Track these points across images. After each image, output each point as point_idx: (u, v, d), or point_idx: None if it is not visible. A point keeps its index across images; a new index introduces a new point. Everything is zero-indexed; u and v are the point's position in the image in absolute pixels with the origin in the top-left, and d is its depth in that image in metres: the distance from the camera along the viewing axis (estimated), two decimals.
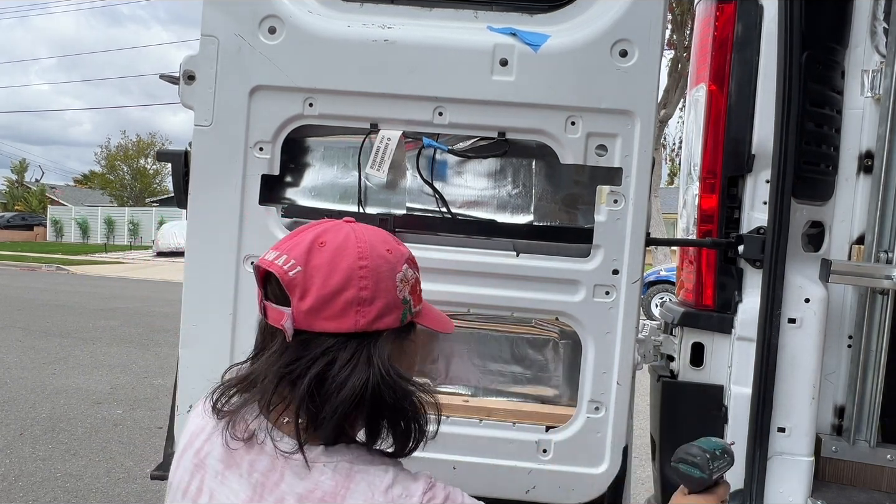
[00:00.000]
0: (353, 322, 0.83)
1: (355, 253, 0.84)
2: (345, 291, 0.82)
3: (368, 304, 0.83)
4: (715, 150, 1.60)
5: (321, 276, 0.83)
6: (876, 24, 1.58)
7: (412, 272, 0.90)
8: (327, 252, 0.84)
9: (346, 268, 0.83)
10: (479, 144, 1.52)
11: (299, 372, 0.82)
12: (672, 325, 1.71)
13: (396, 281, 0.86)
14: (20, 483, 3.84)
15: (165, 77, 1.56)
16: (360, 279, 0.83)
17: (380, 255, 0.86)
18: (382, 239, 0.89)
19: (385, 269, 0.85)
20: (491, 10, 1.46)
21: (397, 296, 0.86)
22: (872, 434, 1.59)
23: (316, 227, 0.89)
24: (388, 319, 0.85)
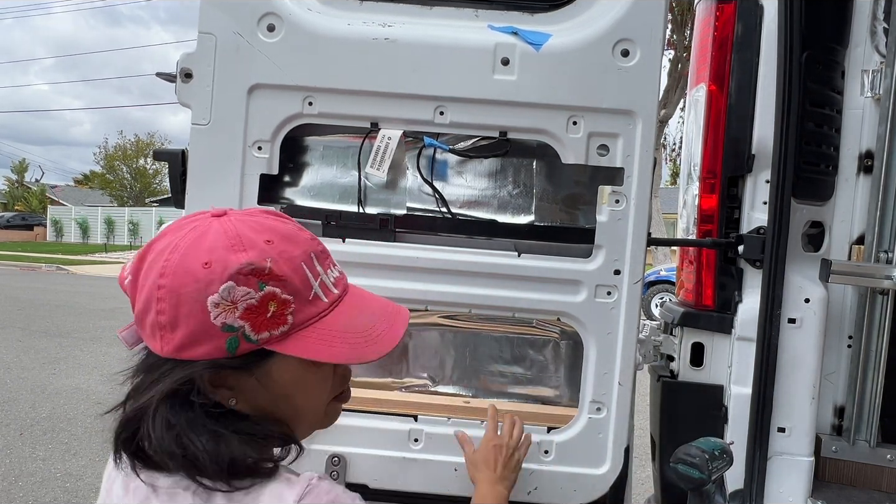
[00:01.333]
0: (160, 347, 0.72)
1: (159, 268, 0.71)
2: (147, 313, 0.72)
3: (171, 331, 0.70)
4: (715, 150, 1.60)
5: (138, 291, 0.73)
6: (876, 24, 1.58)
7: (246, 290, 0.70)
8: (148, 261, 0.73)
9: (148, 286, 0.71)
10: (480, 144, 1.51)
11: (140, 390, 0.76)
12: (672, 325, 1.71)
13: (207, 304, 0.69)
14: (20, 483, 3.84)
15: (162, 75, 1.55)
16: (157, 301, 0.70)
17: (187, 271, 0.70)
18: (211, 246, 0.71)
19: (189, 291, 0.69)
20: (492, 8, 1.46)
21: (211, 322, 0.70)
22: (872, 434, 1.59)
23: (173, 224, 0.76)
24: (202, 349, 0.70)
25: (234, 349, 0.71)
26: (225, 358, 0.72)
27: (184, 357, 0.71)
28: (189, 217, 0.77)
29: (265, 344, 0.73)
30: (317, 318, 0.76)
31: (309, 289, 0.75)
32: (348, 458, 1.49)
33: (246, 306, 0.71)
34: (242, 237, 0.72)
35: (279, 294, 0.72)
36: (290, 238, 0.76)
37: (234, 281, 0.70)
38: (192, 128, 1.46)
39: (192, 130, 1.47)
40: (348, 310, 0.80)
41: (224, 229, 0.73)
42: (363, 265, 1.49)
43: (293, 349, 0.74)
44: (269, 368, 0.75)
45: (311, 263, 0.77)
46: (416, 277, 1.49)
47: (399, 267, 1.49)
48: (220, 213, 0.76)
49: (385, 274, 1.49)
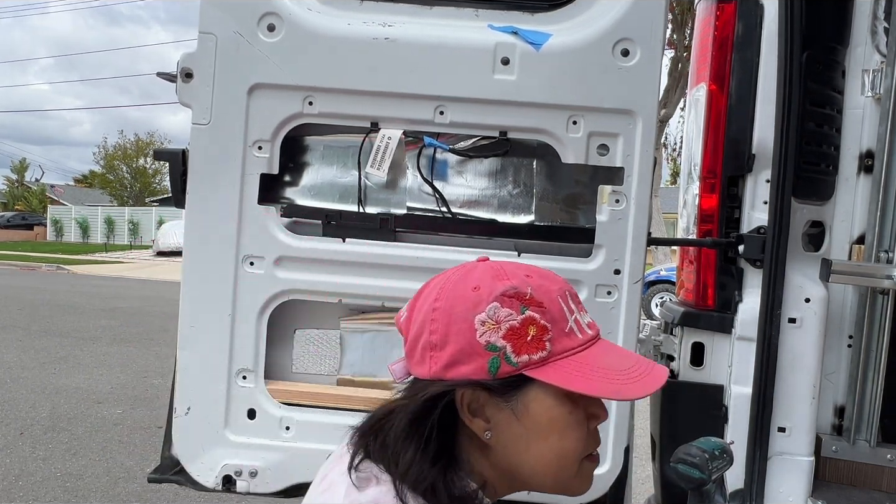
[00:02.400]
0: (428, 368, 0.76)
1: (434, 294, 0.78)
2: (421, 336, 0.77)
3: (440, 349, 0.75)
4: (715, 149, 1.60)
5: (411, 321, 0.80)
6: (876, 23, 1.58)
7: (509, 311, 0.74)
8: (422, 296, 0.81)
9: (424, 311, 0.78)
10: (480, 144, 1.51)
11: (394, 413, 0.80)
12: (672, 324, 1.71)
13: (474, 322, 0.74)
14: (20, 483, 3.84)
15: (163, 75, 1.55)
16: (430, 322, 0.76)
17: (459, 294, 0.76)
18: (480, 276, 0.78)
19: (459, 310, 0.75)
20: (492, 8, 1.46)
21: (476, 340, 0.73)
22: (872, 434, 1.59)
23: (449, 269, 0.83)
24: (466, 368, 0.74)
25: (495, 370, 0.74)
26: (488, 380, 0.74)
27: (448, 377, 0.75)
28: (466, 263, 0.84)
29: (524, 368, 0.74)
30: (573, 351, 0.77)
31: (565, 321, 0.78)
32: None
33: (508, 327, 0.74)
34: (505, 269, 0.79)
35: (538, 319, 0.75)
36: (546, 276, 0.82)
37: (499, 302, 0.75)
38: (193, 127, 1.46)
39: (192, 130, 1.47)
40: (604, 350, 0.80)
41: (489, 265, 0.81)
42: (363, 265, 1.49)
43: (550, 376, 0.74)
44: (526, 398, 0.76)
45: (566, 299, 0.80)
46: (416, 277, 1.48)
47: (399, 267, 1.49)
48: (485, 259, 0.84)
49: (385, 274, 1.49)
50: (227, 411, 1.53)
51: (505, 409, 0.76)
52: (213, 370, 1.52)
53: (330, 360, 1.62)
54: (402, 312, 0.83)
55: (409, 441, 0.76)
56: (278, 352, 1.60)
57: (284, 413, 1.54)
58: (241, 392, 1.53)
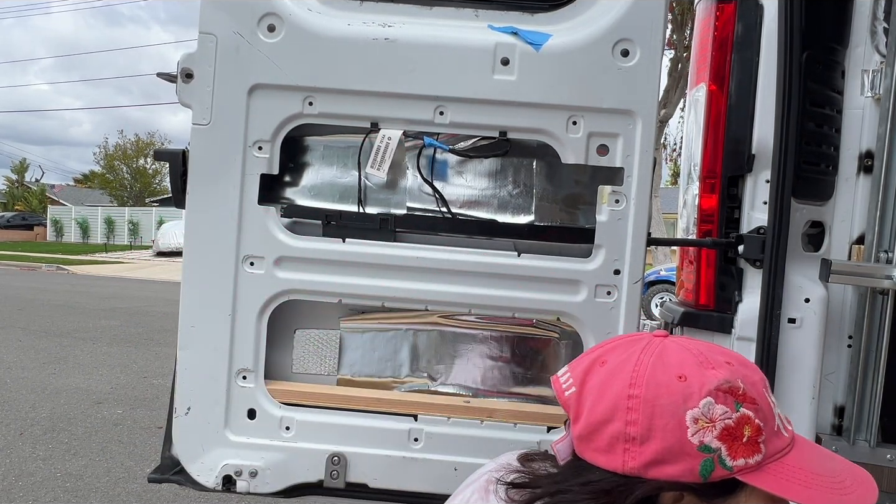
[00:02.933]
0: (622, 462, 0.69)
1: (627, 378, 0.70)
2: (609, 423, 0.70)
3: (639, 444, 0.68)
4: (715, 150, 1.60)
5: (591, 401, 0.72)
6: (876, 23, 1.58)
7: (724, 409, 0.68)
8: (603, 374, 0.72)
9: (613, 395, 0.70)
10: (480, 144, 1.51)
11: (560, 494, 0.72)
12: (672, 324, 1.71)
13: (685, 418, 0.67)
14: (20, 483, 3.84)
15: (163, 75, 1.55)
16: (626, 410, 0.69)
17: (661, 383, 0.69)
18: (680, 361, 0.71)
19: (665, 402, 0.68)
20: (492, 8, 1.46)
21: (688, 440, 0.67)
22: (872, 434, 1.59)
23: (611, 343, 0.77)
24: (673, 469, 0.67)
25: (707, 474, 0.67)
26: (696, 484, 0.68)
27: (650, 476, 0.68)
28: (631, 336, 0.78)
29: (739, 473, 0.68)
30: (783, 452, 0.71)
31: (773, 418, 0.72)
32: (348, 458, 1.49)
33: (723, 426, 0.67)
34: (706, 355, 0.71)
35: (753, 418, 0.69)
36: (745, 363, 0.74)
37: (714, 397, 0.68)
38: (193, 128, 1.47)
39: (192, 130, 1.47)
40: (808, 451, 0.74)
41: (687, 346, 0.72)
42: (363, 265, 1.49)
43: (768, 483, 0.69)
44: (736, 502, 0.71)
45: (769, 392, 0.74)
46: (416, 277, 1.49)
47: (399, 267, 1.49)
48: (664, 335, 0.76)
49: (385, 274, 1.49)
50: (227, 411, 1.53)
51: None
52: (214, 370, 1.52)
53: (330, 360, 1.63)
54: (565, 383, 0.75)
55: None
56: (278, 352, 1.61)
57: (284, 413, 1.54)
58: (241, 392, 1.53)
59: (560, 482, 0.74)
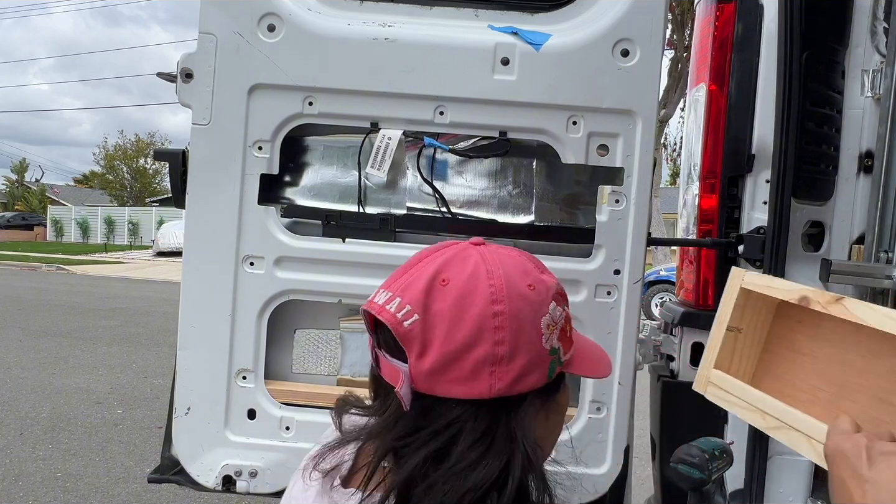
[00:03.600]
0: (488, 386, 0.63)
1: (487, 294, 0.64)
2: (475, 347, 0.63)
3: (507, 363, 0.64)
4: (715, 149, 1.60)
5: (444, 327, 0.64)
6: (876, 23, 1.58)
7: (560, 310, 0.69)
8: (452, 293, 0.64)
9: (475, 315, 0.64)
10: (480, 144, 1.51)
11: (415, 447, 0.64)
12: (672, 324, 1.71)
13: (542, 327, 0.66)
14: (20, 483, 3.84)
15: (163, 75, 1.55)
16: (494, 330, 0.64)
17: (520, 294, 0.66)
18: (522, 269, 0.68)
19: (527, 314, 0.65)
20: (492, 8, 1.46)
21: (543, 346, 0.66)
22: None
23: (436, 257, 0.68)
24: (532, 378, 0.66)
25: (553, 374, 0.68)
26: (543, 386, 0.67)
27: (515, 392, 0.64)
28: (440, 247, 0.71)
29: (566, 366, 0.71)
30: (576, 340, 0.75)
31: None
32: None
33: (560, 327, 0.69)
34: (533, 259, 0.72)
35: (569, 312, 0.72)
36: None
37: (555, 301, 0.69)
38: (193, 128, 1.47)
39: (192, 130, 1.47)
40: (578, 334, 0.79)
41: (516, 252, 0.72)
42: (363, 265, 1.49)
43: (580, 368, 0.73)
44: (560, 395, 0.73)
45: None
46: None
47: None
48: (482, 242, 0.72)
49: (385, 274, 1.48)
50: (227, 411, 1.53)
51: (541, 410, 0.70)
52: (214, 370, 1.52)
53: (330, 360, 1.62)
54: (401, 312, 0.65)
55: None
56: (278, 352, 1.61)
57: (284, 413, 1.54)
58: (241, 392, 1.53)
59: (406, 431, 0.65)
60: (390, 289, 0.68)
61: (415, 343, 0.64)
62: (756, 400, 0.91)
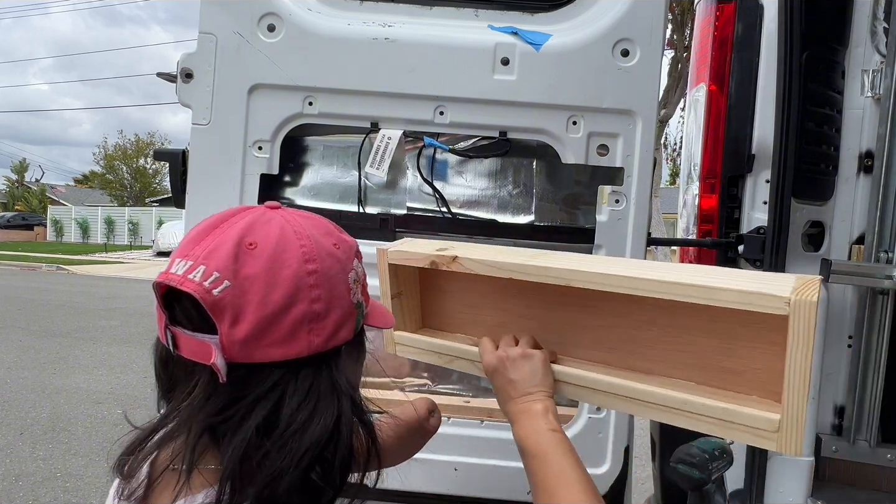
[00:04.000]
0: (307, 344, 0.64)
1: (299, 254, 0.65)
2: (293, 307, 0.63)
3: (323, 319, 0.65)
4: (715, 150, 1.60)
5: (259, 291, 0.62)
6: (876, 23, 1.58)
7: (362, 267, 0.75)
8: (263, 256, 0.63)
9: (290, 275, 0.63)
10: (480, 144, 1.51)
11: (237, 419, 0.61)
12: None
13: (350, 283, 0.69)
14: (20, 483, 3.84)
15: (163, 75, 1.55)
16: (310, 288, 0.64)
17: (328, 252, 0.68)
18: (325, 230, 0.71)
19: (337, 271, 0.68)
20: (492, 8, 1.46)
21: (351, 300, 0.69)
22: (872, 434, 1.59)
23: (234, 221, 0.66)
24: (344, 332, 0.68)
25: (359, 326, 0.72)
26: (353, 338, 0.71)
27: (329, 346, 0.66)
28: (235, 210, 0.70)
29: (367, 319, 0.75)
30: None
31: None
32: None
33: (362, 283, 0.74)
34: (332, 222, 0.75)
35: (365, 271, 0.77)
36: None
37: (357, 258, 0.74)
38: (193, 128, 1.47)
39: (192, 130, 1.47)
40: None
41: (315, 216, 0.74)
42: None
43: (375, 320, 0.77)
44: (364, 346, 0.77)
45: None
46: None
47: None
48: (278, 206, 0.72)
49: None
50: None
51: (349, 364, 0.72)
52: None
53: None
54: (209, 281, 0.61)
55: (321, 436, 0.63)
56: None
57: None
58: None
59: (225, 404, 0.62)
60: (189, 257, 0.64)
61: (227, 311, 0.61)
62: (428, 345, 1.15)
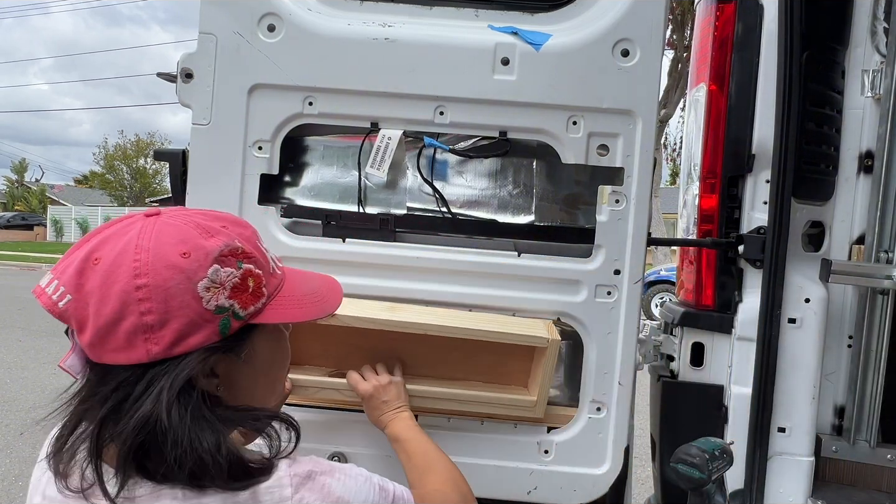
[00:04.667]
0: (145, 352, 0.69)
1: (130, 269, 0.69)
2: (123, 320, 0.69)
3: (158, 329, 0.69)
4: (715, 149, 1.60)
5: (94, 305, 0.69)
6: (876, 23, 1.58)
7: (230, 270, 0.73)
8: (100, 272, 0.69)
9: (119, 291, 0.69)
10: (480, 144, 1.51)
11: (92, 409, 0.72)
12: (672, 324, 1.71)
13: (198, 291, 0.71)
14: (20, 483, 3.84)
15: (163, 75, 1.55)
16: (139, 302, 0.69)
17: (168, 264, 0.70)
18: (179, 238, 0.72)
19: (175, 283, 0.70)
20: (492, 8, 1.46)
21: (204, 308, 0.71)
22: (872, 434, 1.59)
23: (98, 235, 0.74)
24: (198, 338, 0.71)
25: (226, 330, 0.73)
26: (218, 342, 0.73)
27: (176, 353, 0.70)
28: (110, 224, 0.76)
29: (251, 318, 0.76)
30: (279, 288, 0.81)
31: (268, 262, 0.81)
32: (349, 458, 1.49)
33: (232, 285, 0.73)
34: (203, 224, 0.75)
35: (254, 270, 0.77)
36: (237, 222, 0.81)
37: (219, 264, 0.73)
38: (193, 128, 1.47)
39: (192, 130, 1.47)
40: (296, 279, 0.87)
41: (181, 223, 0.74)
42: (363, 265, 1.49)
43: (275, 317, 0.79)
44: (253, 344, 0.78)
45: (260, 241, 0.83)
46: (416, 277, 1.49)
47: (399, 267, 1.49)
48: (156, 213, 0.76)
49: (385, 274, 1.49)
50: None
51: (235, 360, 0.76)
52: None
53: None
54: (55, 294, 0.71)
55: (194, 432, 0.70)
56: None
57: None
58: None
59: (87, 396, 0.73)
60: (54, 272, 0.73)
61: (71, 320, 0.71)
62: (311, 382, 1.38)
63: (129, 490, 0.71)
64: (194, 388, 0.73)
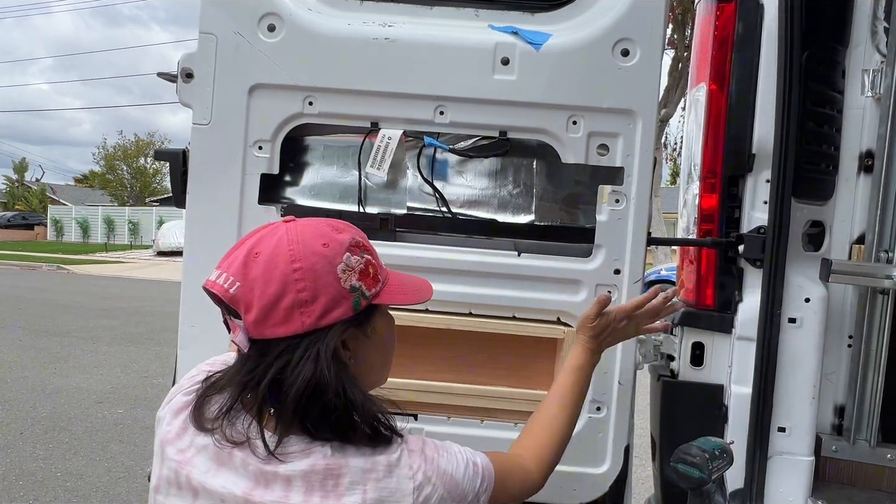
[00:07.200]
0: (300, 324, 0.85)
1: (287, 257, 0.86)
2: (283, 297, 0.85)
3: (311, 304, 0.85)
4: (715, 149, 1.60)
5: (259, 288, 0.85)
6: (876, 23, 1.58)
7: (357, 258, 0.90)
8: (261, 262, 0.86)
9: (279, 275, 0.85)
10: (480, 143, 1.51)
11: (258, 378, 0.86)
12: (672, 324, 1.71)
13: (338, 273, 0.88)
14: (20, 482, 3.84)
15: (163, 75, 1.55)
16: (295, 282, 0.85)
17: (314, 252, 0.87)
18: (318, 233, 0.90)
19: (322, 266, 0.87)
20: (492, 8, 1.46)
21: (342, 287, 0.88)
22: (872, 434, 1.59)
23: (252, 237, 0.91)
24: (338, 312, 0.87)
25: (358, 306, 0.89)
26: (352, 316, 0.88)
27: (323, 324, 0.86)
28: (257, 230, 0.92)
29: (374, 299, 0.92)
30: (387, 277, 0.96)
31: (378, 257, 0.96)
32: None
33: (360, 270, 0.90)
34: (333, 225, 0.93)
35: (372, 259, 0.93)
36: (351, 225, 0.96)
37: (350, 252, 0.89)
38: (193, 127, 1.47)
39: (192, 130, 1.47)
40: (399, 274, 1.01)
41: (316, 222, 0.92)
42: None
43: (390, 298, 0.95)
44: (375, 322, 0.94)
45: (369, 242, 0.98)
46: None
47: (399, 267, 1.48)
48: (292, 219, 0.93)
49: None
50: None
51: (361, 335, 0.92)
52: None
53: None
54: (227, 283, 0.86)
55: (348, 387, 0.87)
56: None
57: None
58: None
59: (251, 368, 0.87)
60: (220, 268, 0.89)
61: (240, 303, 0.86)
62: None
63: (283, 447, 0.86)
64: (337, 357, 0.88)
